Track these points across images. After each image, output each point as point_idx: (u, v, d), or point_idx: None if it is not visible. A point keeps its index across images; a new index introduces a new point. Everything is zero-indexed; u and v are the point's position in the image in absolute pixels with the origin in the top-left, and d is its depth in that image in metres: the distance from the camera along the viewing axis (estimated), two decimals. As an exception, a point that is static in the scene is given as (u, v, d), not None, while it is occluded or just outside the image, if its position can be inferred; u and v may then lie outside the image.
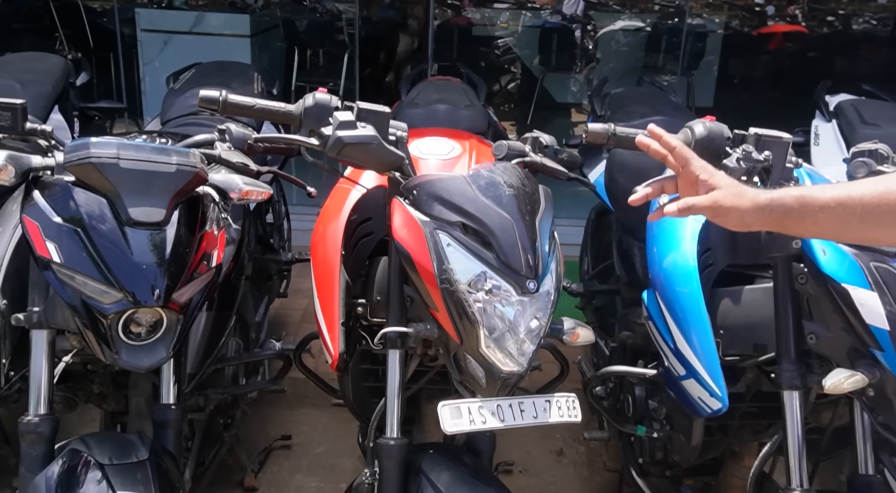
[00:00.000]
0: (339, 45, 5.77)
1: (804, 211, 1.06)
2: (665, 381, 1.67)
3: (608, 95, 2.70)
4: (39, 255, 1.36)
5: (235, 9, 6.05)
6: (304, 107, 1.43)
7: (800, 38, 6.71)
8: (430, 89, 2.65)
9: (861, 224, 1.02)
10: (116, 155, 1.38)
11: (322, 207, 1.77)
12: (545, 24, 6.79)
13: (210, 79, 2.64)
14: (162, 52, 5.46)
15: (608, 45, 6.82)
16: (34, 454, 1.44)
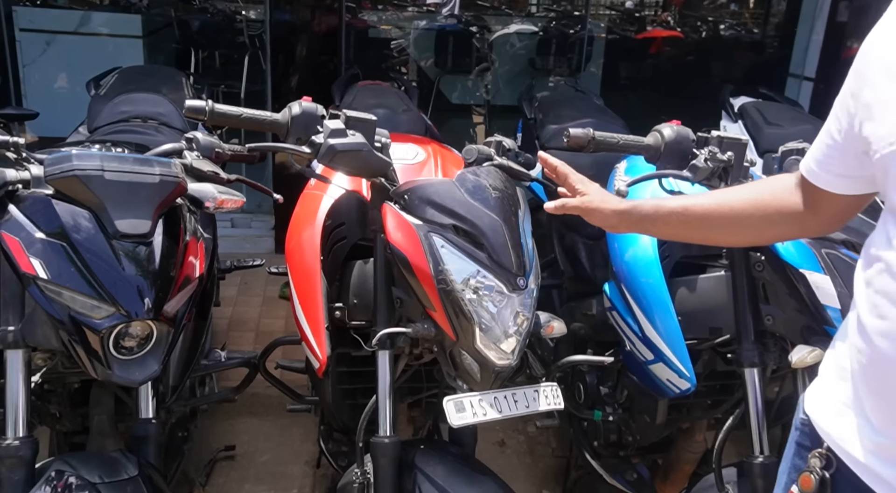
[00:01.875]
0: (239, 46, 5.66)
1: (657, 216, 1.29)
2: (628, 366, 1.79)
3: (536, 99, 2.82)
4: (24, 271, 1.31)
5: (119, 8, 5.81)
6: (290, 115, 1.44)
7: (677, 42, 7.15)
8: (365, 94, 2.69)
9: (701, 228, 1.25)
10: (101, 167, 1.35)
11: (292, 215, 1.78)
12: (441, 27, 6.90)
13: (138, 84, 2.57)
14: (44, 54, 5.18)
15: (502, 48, 7.02)
16: (15, 478, 1.38)
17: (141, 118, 2.39)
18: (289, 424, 2.87)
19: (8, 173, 1.36)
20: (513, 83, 7.12)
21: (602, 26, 7.04)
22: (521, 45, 6.98)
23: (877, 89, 0.92)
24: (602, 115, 2.61)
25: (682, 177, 1.48)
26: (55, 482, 1.36)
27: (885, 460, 0.95)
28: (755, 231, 1.20)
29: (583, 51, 6.64)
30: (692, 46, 7.07)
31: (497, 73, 7.06)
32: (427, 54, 6.77)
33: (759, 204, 1.17)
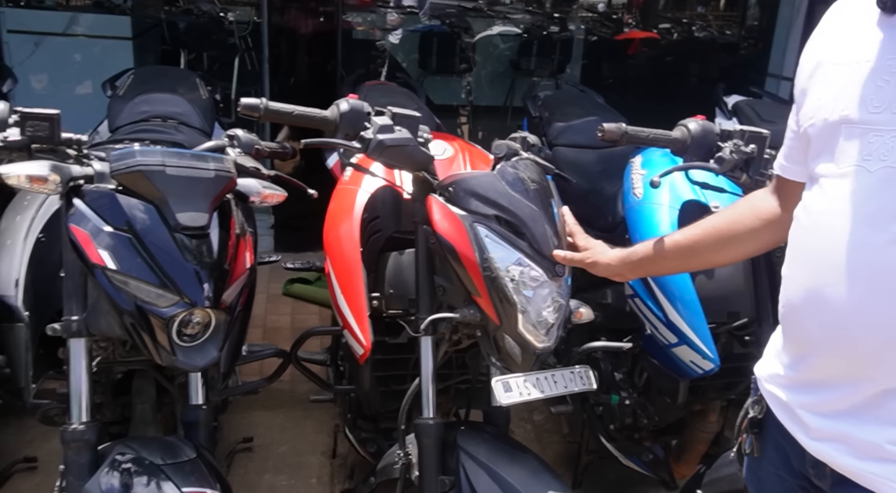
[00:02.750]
0: (229, 48, 5.68)
1: (655, 256, 1.40)
2: (647, 350, 1.89)
3: (539, 98, 2.92)
4: (93, 262, 1.37)
5: (107, 9, 5.80)
6: (339, 112, 1.52)
7: (654, 43, 7.31)
8: (375, 93, 2.76)
9: (695, 256, 1.36)
10: (162, 162, 1.41)
11: (328, 209, 1.85)
12: (425, 28, 6.98)
13: (154, 85, 2.61)
14: (33, 55, 5.16)
15: (485, 49, 7.12)
16: (81, 461, 1.44)
17: (161, 117, 2.44)
18: (302, 417, 2.93)
19: (73, 169, 1.41)
20: (495, 84, 7.23)
21: (581, 28, 7.17)
22: (504, 46, 7.09)
23: (807, 77, 1.10)
24: (606, 113, 2.71)
25: (709, 168, 1.58)
26: (121, 464, 1.42)
27: (788, 388, 1.12)
28: (745, 245, 1.30)
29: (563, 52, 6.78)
30: (670, 48, 7.23)
31: (480, 74, 7.16)
32: (411, 56, 6.85)
33: (741, 219, 1.28)
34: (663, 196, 1.84)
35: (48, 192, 1.38)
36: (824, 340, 1.03)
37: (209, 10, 6.04)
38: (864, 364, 0.99)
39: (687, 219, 1.80)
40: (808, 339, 1.06)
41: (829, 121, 1.03)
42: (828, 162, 1.03)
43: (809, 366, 1.07)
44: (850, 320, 0.98)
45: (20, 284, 1.59)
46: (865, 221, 0.96)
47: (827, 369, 1.04)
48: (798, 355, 1.09)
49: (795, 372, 1.10)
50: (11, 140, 1.36)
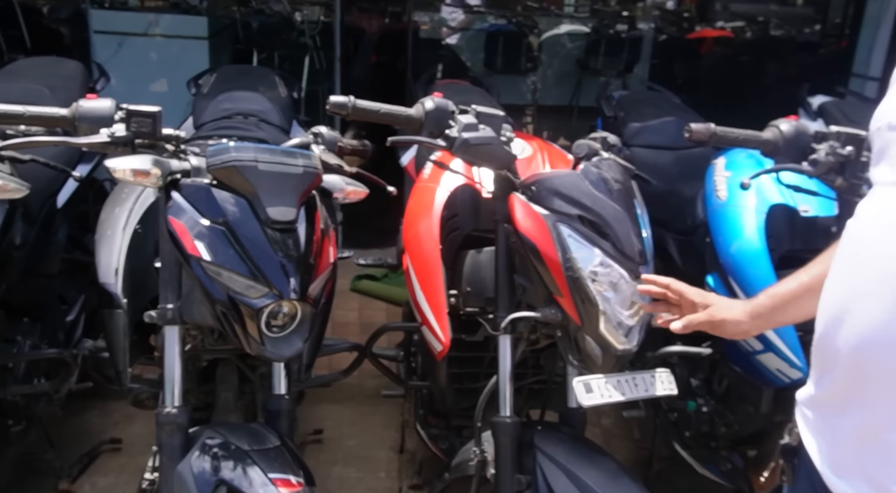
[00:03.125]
0: (299, 47, 5.79)
1: (783, 304, 1.28)
2: (729, 357, 1.87)
3: (613, 98, 2.90)
4: (189, 253, 1.42)
5: (184, 10, 5.98)
6: (425, 111, 1.54)
7: (728, 42, 7.16)
8: (450, 93, 2.76)
9: None
10: (255, 158, 1.46)
11: (407, 207, 1.88)
12: (491, 27, 6.99)
13: (236, 83, 2.69)
14: (116, 54, 5.35)
15: (552, 48, 7.08)
16: (174, 443, 1.49)
17: (242, 115, 2.51)
18: (370, 411, 2.98)
19: (172, 164, 1.47)
20: (561, 83, 7.19)
21: (651, 27, 7.07)
22: (571, 45, 7.04)
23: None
24: (683, 113, 2.68)
25: (803, 171, 1.55)
26: (210, 448, 1.47)
27: (813, 409, 1.06)
28: None
29: (632, 51, 6.69)
30: (745, 46, 7.06)
31: (546, 74, 7.13)
32: (477, 55, 6.86)
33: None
34: (749, 199, 1.81)
35: (149, 185, 1.44)
36: (849, 352, 0.96)
37: (280, 9, 6.16)
38: (890, 384, 0.92)
39: (774, 223, 1.77)
40: (833, 351, 1.00)
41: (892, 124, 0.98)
42: (883, 168, 0.98)
43: (833, 381, 1.01)
44: (877, 334, 0.92)
45: (119, 272, 1.66)
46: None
47: (849, 385, 0.98)
48: (823, 369, 1.04)
49: (821, 389, 1.05)
50: (118, 136, 1.42)
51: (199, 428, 1.54)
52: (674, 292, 1.43)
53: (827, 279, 1.05)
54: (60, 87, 2.47)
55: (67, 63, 2.70)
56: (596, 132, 1.81)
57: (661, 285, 1.45)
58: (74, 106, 1.45)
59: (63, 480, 2.39)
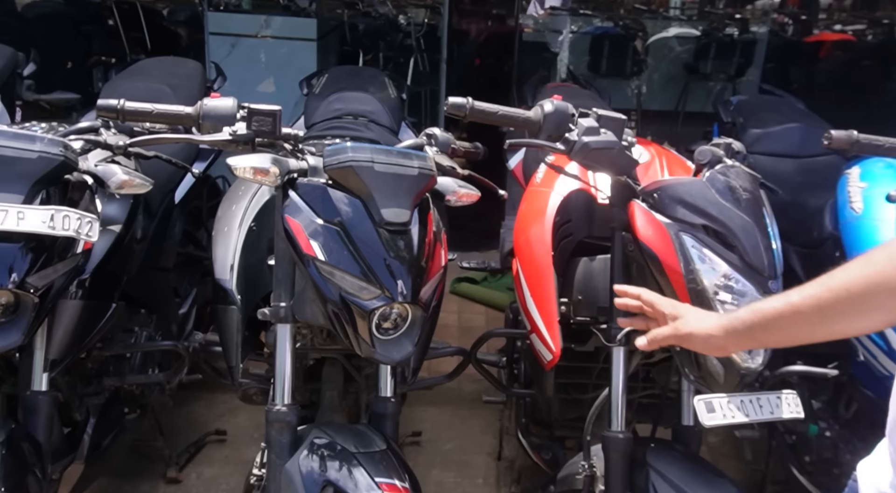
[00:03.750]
0: (404, 49, 5.85)
1: (764, 322, 1.12)
2: (859, 380, 1.74)
3: (731, 103, 2.77)
4: (304, 253, 1.43)
5: (290, 12, 6.13)
6: (543, 113, 1.50)
7: (848, 45, 6.78)
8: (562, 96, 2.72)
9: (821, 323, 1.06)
10: (371, 159, 1.45)
11: (518, 211, 1.84)
12: (597, 30, 6.86)
13: (347, 84, 2.72)
14: (229, 55, 5.54)
15: (659, 51, 6.90)
16: (283, 441, 1.50)
17: (352, 115, 2.53)
18: (468, 415, 2.95)
19: (290, 163, 1.48)
20: (666, 88, 6.99)
21: (766, 30, 6.78)
22: (680, 49, 6.84)
23: None
24: (808, 119, 2.53)
25: (958, 184, 1.43)
26: (318, 448, 1.47)
27: None
28: (887, 311, 1.01)
29: (744, 55, 6.43)
30: (867, 50, 6.68)
31: (651, 78, 6.95)
32: (582, 58, 6.75)
33: (882, 278, 0.97)
34: (888, 212, 1.68)
35: (268, 183, 1.45)
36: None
37: (386, 12, 6.25)
38: None
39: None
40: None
41: None
42: None
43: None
44: None
45: (234, 269, 1.69)
46: None
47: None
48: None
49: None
50: (239, 134, 1.44)
51: (306, 427, 1.55)
52: (645, 303, 1.34)
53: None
54: (181, 86, 2.55)
55: (187, 63, 2.80)
56: (720, 138, 1.73)
57: (632, 295, 1.36)
58: (199, 104, 1.48)
59: (171, 468, 2.47)
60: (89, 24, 6.04)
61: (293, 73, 5.79)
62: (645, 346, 1.32)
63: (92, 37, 5.98)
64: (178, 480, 2.48)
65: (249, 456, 2.64)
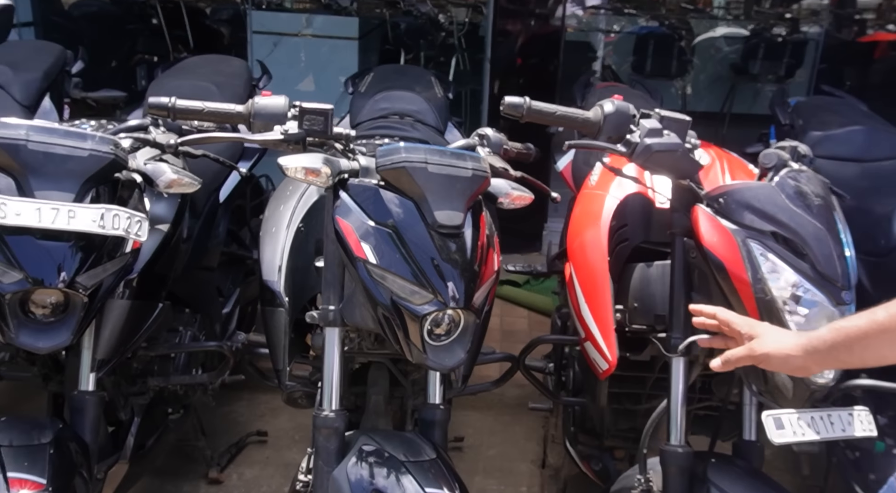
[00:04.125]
0: (446, 48, 5.81)
1: (848, 342, 1.08)
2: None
3: (789, 104, 2.68)
4: (356, 255, 1.39)
5: (332, 11, 6.13)
6: (603, 114, 1.44)
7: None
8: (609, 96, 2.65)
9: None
10: (425, 160, 1.41)
11: (571, 214, 1.78)
12: (642, 30, 6.75)
13: (393, 82, 2.68)
14: (272, 54, 5.55)
15: (706, 51, 6.77)
16: (330, 447, 1.46)
17: (398, 115, 2.49)
18: (511, 421, 2.90)
19: (342, 163, 1.44)
20: (712, 89, 6.85)
21: (821, 29, 6.60)
22: (728, 49, 6.70)
23: None
24: (872, 121, 2.43)
25: None
26: (366, 455, 1.43)
27: None
28: None
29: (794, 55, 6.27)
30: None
31: (697, 78, 6.82)
32: (626, 58, 6.65)
33: None
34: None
35: (319, 184, 1.41)
36: None
37: (427, 11, 6.22)
38: None
39: None
40: None
41: None
42: None
43: None
44: None
45: (282, 270, 1.66)
46: None
47: None
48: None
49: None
50: (291, 133, 1.41)
51: (353, 433, 1.51)
52: (721, 322, 1.29)
53: None
54: (227, 84, 2.54)
55: (232, 61, 2.79)
56: (785, 141, 1.65)
57: (708, 314, 1.31)
58: (250, 103, 1.45)
59: (212, 468, 2.45)
60: (133, 23, 6.10)
61: (334, 72, 5.79)
62: (719, 367, 1.26)
63: (136, 35, 6.05)
64: (220, 481, 2.47)
65: (290, 458, 2.65)
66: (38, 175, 1.37)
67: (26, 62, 2.53)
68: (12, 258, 1.34)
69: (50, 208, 1.35)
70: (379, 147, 1.43)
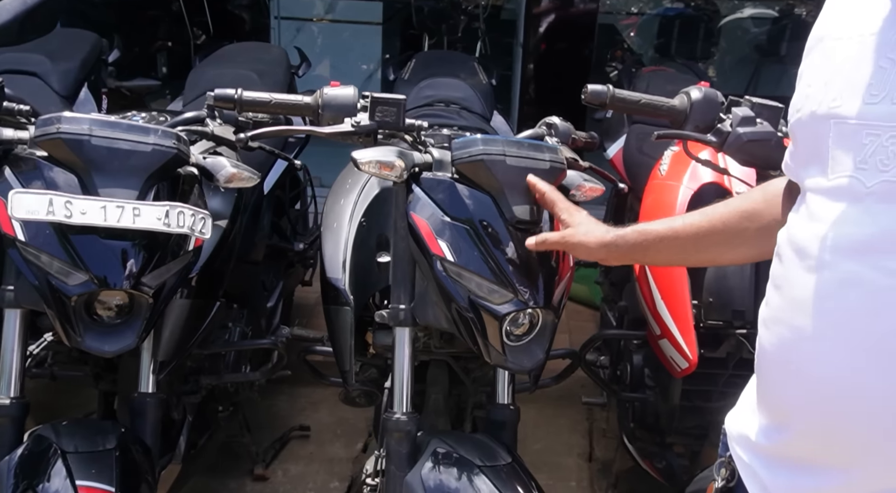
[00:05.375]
0: (471, 33, 5.71)
1: (647, 243, 1.17)
2: None
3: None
4: (432, 252, 1.33)
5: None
6: (690, 101, 1.38)
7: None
8: (659, 81, 2.58)
9: (695, 250, 1.14)
10: (503, 152, 1.35)
11: (641, 205, 1.72)
12: (666, 11, 6.64)
13: (437, 69, 2.62)
14: (295, 39, 5.48)
15: (732, 33, 6.65)
16: (402, 451, 1.42)
17: (444, 102, 2.43)
18: (553, 415, 2.84)
19: (415, 156, 1.38)
20: (737, 71, 6.74)
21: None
22: (756, 30, 6.58)
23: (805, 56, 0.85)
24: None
25: None
26: (440, 459, 1.38)
27: (761, 459, 0.88)
28: (753, 245, 1.06)
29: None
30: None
31: (723, 60, 6.71)
32: (651, 40, 6.54)
33: (753, 214, 1.05)
34: None
35: (393, 178, 1.36)
36: (803, 410, 0.80)
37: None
38: (853, 450, 0.76)
39: None
40: (784, 404, 0.83)
41: (817, 115, 0.77)
42: (816, 172, 0.79)
43: (786, 440, 0.83)
44: (835, 389, 0.75)
45: (347, 267, 1.60)
46: (858, 256, 0.72)
47: (807, 448, 0.81)
48: (774, 421, 0.86)
49: (770, 442, 0.86)
50: (363, 125, 1.35)
51: (422, 435, 1.45)
52: (547, 201, 1.33)
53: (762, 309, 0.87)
54: (267, 72, 2.48)
55: (271, 49, 2.73)
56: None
57: (538, 190, 1.33)
58: (317, 93, 1.39)
59: (258, 465, 2.41)
60: (154, 10, 6.04)
61: (357, 57, 5.71)
62: (533, 246, 1.30)
63: (157, 22, 5.98)
64: (266, 477, 2.43)
65: (334, 453, 2.61)
66: (102, 171, 1.32)
67: (63, 51, 2.47)
68: (77, 259, 1.29)
69: (115, 206, 1.30)
70: (454, 140, 1.37)
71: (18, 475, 1.30)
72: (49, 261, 1.28)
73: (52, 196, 1.27)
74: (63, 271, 1.28)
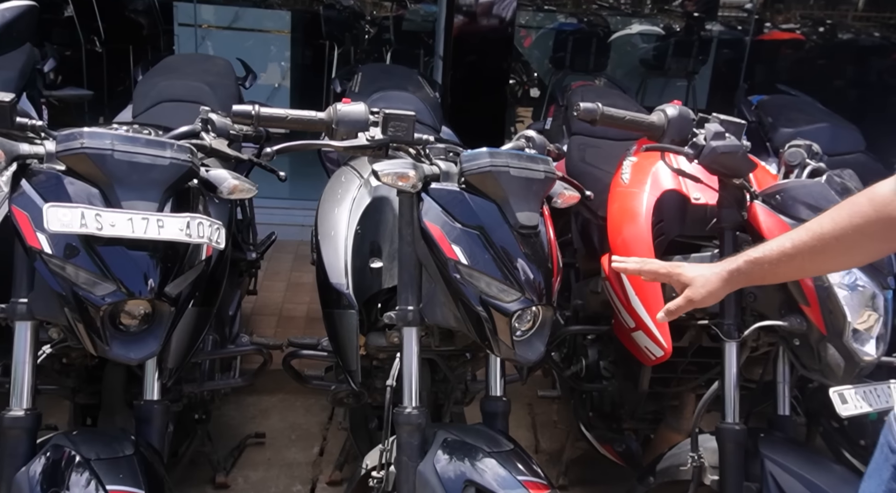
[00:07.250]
0: (382, 43, 5.81)
1: (762, 272, 1.25)
2: None
3: (751, 102, 2.88)
4: (447, 256, 1.43)
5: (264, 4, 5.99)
6: (668, 118, 1.55)
7: (798, 44, 7.08)
8: (592, 95, 2.77)
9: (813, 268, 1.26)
10: (507, 164, 1.47)
11: (608, 212, 1.88)
12: (560, 26, 6.97)
13: (385, 83, 2.70)
14: (199, 47, 5.39)
15: (622, 48, 7.05)
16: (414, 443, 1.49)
17: (397, 115, 2.51)
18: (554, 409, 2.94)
19: (424, 168, 1.48)
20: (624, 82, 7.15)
21: (717, 29, 7.02)
22: (643, 46, 7.01)
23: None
24: (832, 118, 2.66)
25: None
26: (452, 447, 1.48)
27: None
28: (869, 251, 1.13)
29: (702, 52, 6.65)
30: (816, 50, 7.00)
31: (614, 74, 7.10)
32: (542, 54, 6.84)
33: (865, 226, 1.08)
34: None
35: (408, 188, 1.45)
36: None
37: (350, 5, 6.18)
38: None
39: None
40: None
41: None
42: None
43: None
44: None
45: (348, 272, 1.67)
46: None
47: None
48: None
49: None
50: (377, 139, 1.43)
51: (429, 428, 1.54)
52: (645, 273, 1.44)
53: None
54: (218, 84, 2.49)
55: (216, 60, 2.73)
56: (797, 140, 1.81)
57: (633, 270, 1.45)
58: (330, 110, 1.47)
59: (219, 473, 2.42)
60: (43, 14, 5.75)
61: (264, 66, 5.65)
62: (663, 319, 1.40)
63: (49, 27, 5.71)
64: (227, 485, 2.43)
65: (291, 458, 2.64)
66: (124, 185, 1.34)
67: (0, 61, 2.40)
68: (105, 270, 1.30)
69: (140, 218, 1.33)
70: (463, 153, 1.48)
71: (43, 484, 1.31)
72: (75, 272, 1.29)
73: (84, 209, 1.28)
74: (90, 281, 1.30)
